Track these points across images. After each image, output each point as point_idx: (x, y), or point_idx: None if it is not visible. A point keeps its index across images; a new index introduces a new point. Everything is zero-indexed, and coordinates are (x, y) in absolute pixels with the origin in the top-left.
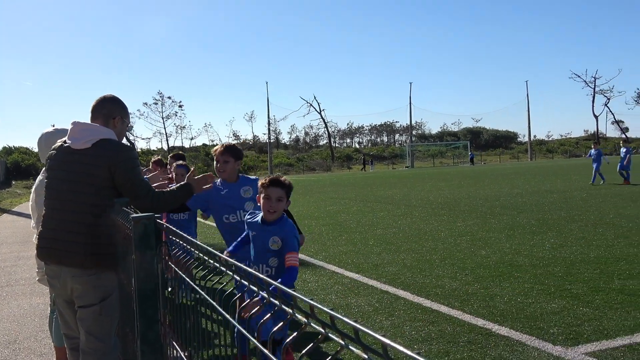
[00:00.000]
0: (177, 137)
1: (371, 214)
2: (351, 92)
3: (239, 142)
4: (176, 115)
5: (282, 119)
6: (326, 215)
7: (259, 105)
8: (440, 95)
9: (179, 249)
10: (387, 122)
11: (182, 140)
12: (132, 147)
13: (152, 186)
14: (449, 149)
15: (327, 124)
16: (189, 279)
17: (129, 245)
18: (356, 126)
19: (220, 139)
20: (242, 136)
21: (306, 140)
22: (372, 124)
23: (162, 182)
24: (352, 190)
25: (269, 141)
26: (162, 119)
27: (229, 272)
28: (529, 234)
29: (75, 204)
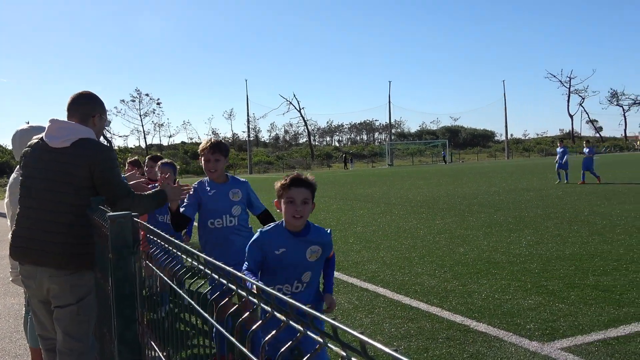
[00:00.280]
0: (155, 135)
1: (351, 212)
2: (331, 91)
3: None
4: (154, 112)
5: (261, 117)
6: None
7: (238, 102)
8: (419, 94)
9: (158, 249)
10: (367, 121)
11: (160, 138)
12: (111, 148)
13: (131, 188)
14: (427, 147)
15: (306, 122)
16: (166, 279)
17: (105, 244)
18: (336, 124)
19: (199, 136)
20: (221, 134)
21: (286, 138)
22: (352, 122)
23: (138, 181)
24: (332, 188)
25: (249, 139)
26: (140, 116)
27: (207, 272)
28: (506, 232)
29: (52, 203)
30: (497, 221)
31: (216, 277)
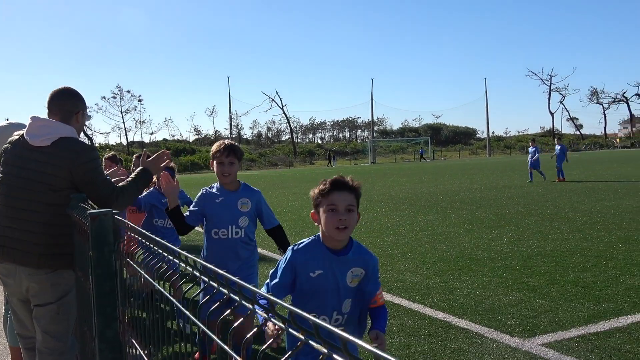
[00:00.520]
0: (136, 132)
1: None
2: (313, 88)
3: (200, 137)
4: (135, 109)
5: (244, 114)
6: (289, 210)
7: (221, 99)
8: (401, 91)
9: (143, 249)
10: (349, 118)
11: (141, 135)
12: (93, 147)
13: (114, 183)
14: (409, 144)
15: (289, 119)
16: (149, 278)
17: (86, 241)
18: (318, 122)
19: (181, 133)
20: (203, 131)
21: (268, 135)
22: (334, 119)
23: (120, 177)
24: (315, 185)
25: (231, 136)
26: (121, 113)
27: (195, 273)
28: (487, 229)
29: (31, 202)
30: (479, 218)
31: (214, 284)
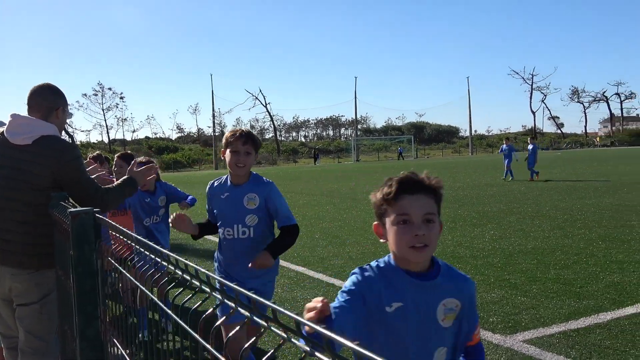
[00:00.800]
0: (118, 130)
1: (317, 207)
2: (297, 86)
3: (183, 135)
4: (117, 107)
5: (227, 112)
6: None
7: (204, 97)
8: (385, 90)
9: (135, 255)
10: (333, 116)
11: (123, 132)
12: (75, 145)
13: (97, 184)
14: (393, 143)
15: (272, 117)
16: (135, 281)
17: (66, 240)
18: (302, 120)
19: (163, 131)
20: (186, 129)
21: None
22: (318, 117)
23: (99, 174)
24: (298, 184)
25: (214, 134)
26: (103, 110)
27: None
28: (470, 226)
29: (12, 202)
30: (461, 216)
31: (231, 304)
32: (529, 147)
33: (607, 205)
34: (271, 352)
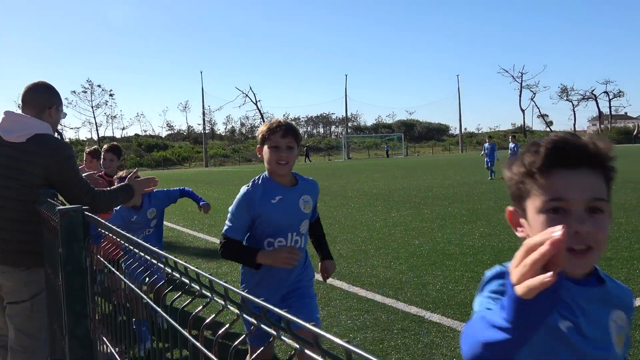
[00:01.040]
0: (107, 127)
1: None
2: (287, 83)
3: (173, 132)
4: (106, 104)
5: (217, 110)
6: None
7: (194, 95)
8: (375, 87)
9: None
10: (323, 114)
11: (113, 130)
12: (69, 145)
13: (90, 185)
14: (383, 141)
15: (263, 114)
16: (131, 284)
17: (55, 238)
18: (292, 117)
19: (153, 129)
20: (176, 126)
21: (242, 131)
22: (308, 115)
23: (90, 173)
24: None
25: (204, 132)
26: (92, 108)
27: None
28: (459, 224)
29: (5, 199)
30: (451, 213)
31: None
32: (511, 145)
33: None
34: (241, 339)
